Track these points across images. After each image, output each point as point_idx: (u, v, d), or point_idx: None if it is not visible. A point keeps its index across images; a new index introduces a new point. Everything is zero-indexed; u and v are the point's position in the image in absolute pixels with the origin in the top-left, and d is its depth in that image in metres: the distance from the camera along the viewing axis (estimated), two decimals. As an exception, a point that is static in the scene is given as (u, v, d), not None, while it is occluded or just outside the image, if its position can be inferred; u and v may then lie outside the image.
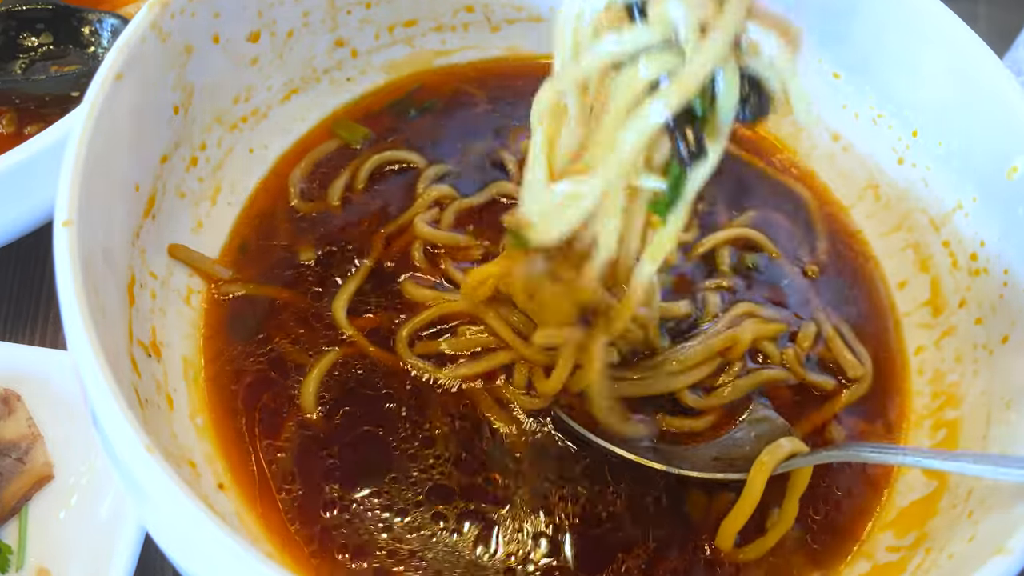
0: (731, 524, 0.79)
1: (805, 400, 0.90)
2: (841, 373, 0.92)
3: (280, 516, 0.78)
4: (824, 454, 0.82)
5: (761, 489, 0.79)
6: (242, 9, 0.94)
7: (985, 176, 0.92)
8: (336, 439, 0.82)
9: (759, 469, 0.79)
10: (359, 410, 0.84)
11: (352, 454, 0.81)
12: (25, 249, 1.17)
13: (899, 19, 0.97)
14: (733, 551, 0.80)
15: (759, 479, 0.79)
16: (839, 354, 0.92)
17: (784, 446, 0.80)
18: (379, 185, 0.99)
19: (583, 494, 0.81)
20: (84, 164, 0.72)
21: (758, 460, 0.80)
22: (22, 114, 1.17)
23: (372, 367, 0.86)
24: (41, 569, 0.90)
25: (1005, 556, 0.66)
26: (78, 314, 0.66)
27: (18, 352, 0.99)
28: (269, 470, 0.80)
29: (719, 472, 0.82)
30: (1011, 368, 0.86)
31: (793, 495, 0.81)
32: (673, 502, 0.82)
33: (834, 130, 1.07)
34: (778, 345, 0.91)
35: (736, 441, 0.85)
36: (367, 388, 0.85)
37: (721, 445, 0.85)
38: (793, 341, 0.92)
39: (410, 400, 0.84)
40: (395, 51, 1.09)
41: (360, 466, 0.81)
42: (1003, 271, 0.90)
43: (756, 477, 0.79)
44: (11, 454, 0.93)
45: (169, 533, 0.66)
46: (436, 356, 0.87)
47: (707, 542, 0.80)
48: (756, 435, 0.85)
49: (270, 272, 0.92)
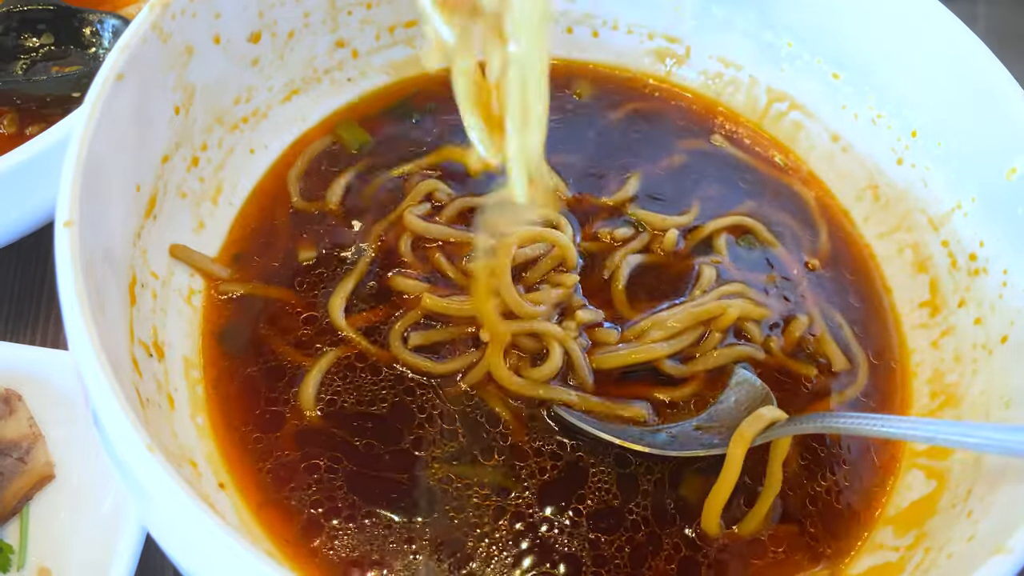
0: (714, 500, 0.79)
1: (796, 395, 0.90)
2: (827, 365, 0.92)
3: (280, 516, 0.78)
4: (802, 425, 0.80)
5: (740, 461, 0.78)
6: (243, 10, 0.94)
7: (984, 176, 0.92)
8: (336, 438, 0.82)
9: (738, 441, 0.79)
10: (358, 409, 0.84)
11: (352, 453, 0.81)
12: (26, 249, 1.17)
13: (899, 20, 0.97)
14: (723, 531, 0.79)
15: (738, 452, 0.79)
16: (827, 347, 0.93)
17: (764, 416, 0.80)
18: (380, 185, 0.99)
19: (588, 486, 0.81)
20: (85, 164, 0.72)
21: (737, 432, 0.80)
22: (23, 115, 1.17)
23: (371, 365, 0.86)
24: (42, 568, 0.90)
25: (1005, 555, 0.66)
26: (79, 314, 0.66)
27: (19, 352, 1.00)
28: (269, 470, 0.80)
29: (701, 446, 0.82)
30: (1010, 368, 0.87)
31: (775, 460, 0.80)
32: (665, 484, 0.82)
33: (833, 130, 1.07)
34: (762, 330, 0.92)
35: (721, 410, 0.86)
36: (366, 386, 0.85)
37: (705, 415, 0.85)
38: (783, 330, 0.93)
39: (410, 397, 0.84)
40: (395, 52, 1.09)
41: (360, 465, 0.81)
42: (1002, 271, 0.90)
43: (735, 450, 0.79)
44: (12, 454, 0.93)
45: (170, 532, 0.66)
46: (431, 348, 0.87)
47: (696, 524, 0.80)
48: (736, 401, 0.86)
49: (271, 272, 0.92)
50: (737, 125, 1.11)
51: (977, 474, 0.80)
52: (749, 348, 0.90)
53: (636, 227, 0.98)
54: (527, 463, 0.82)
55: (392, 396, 0.84)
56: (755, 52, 1.10)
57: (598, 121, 1.08)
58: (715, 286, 0.94)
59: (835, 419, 0.80)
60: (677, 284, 0.94)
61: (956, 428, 0.76)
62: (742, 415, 0.82)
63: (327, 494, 0.79)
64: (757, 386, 0.87)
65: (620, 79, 1.13)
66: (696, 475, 0.82)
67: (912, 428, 0.78)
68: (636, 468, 0.83)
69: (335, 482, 0.80)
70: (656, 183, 1.02)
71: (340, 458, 0.81)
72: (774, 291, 0.96)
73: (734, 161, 1.07)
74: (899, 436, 0.81)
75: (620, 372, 0.88)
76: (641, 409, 0.85)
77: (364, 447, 0.82)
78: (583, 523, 0.80)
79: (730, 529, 0.80)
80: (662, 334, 0.88)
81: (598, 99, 1.10)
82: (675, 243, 0.97)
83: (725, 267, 0.96)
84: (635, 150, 1.05)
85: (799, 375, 0.91)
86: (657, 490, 0.82)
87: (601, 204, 1.00)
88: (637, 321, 0.90)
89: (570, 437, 0.84)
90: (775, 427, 0.80)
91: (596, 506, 0.80)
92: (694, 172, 1.05)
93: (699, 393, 0.88)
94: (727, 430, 0.82)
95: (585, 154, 1.04)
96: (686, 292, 0.93)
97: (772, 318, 0.93)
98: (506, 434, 0.83)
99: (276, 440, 0.82)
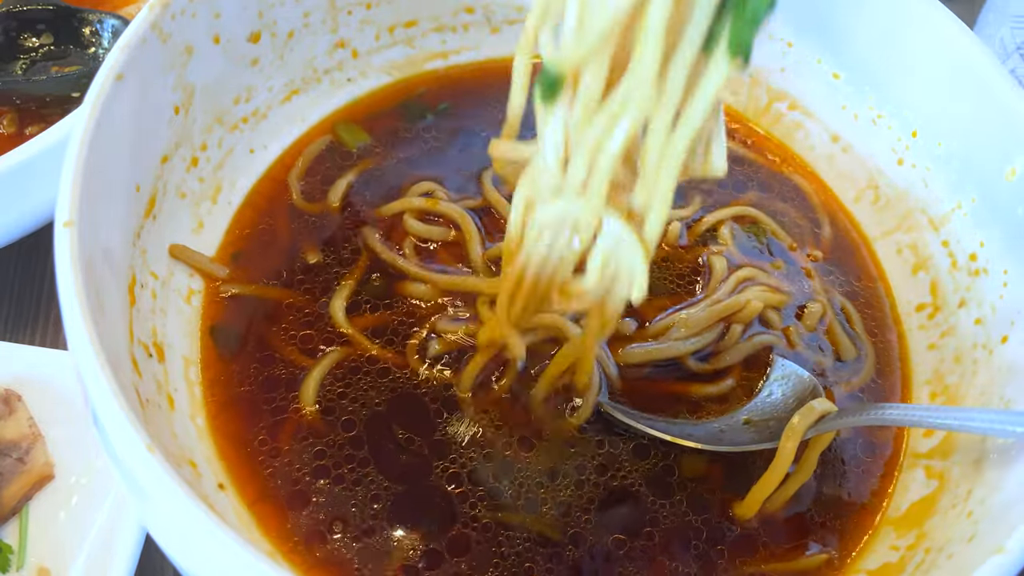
0: (759, 491, 0.80)
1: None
2: (837, 354, 0.93)
3: (280, 516, 0.78)
4: (853, 418, 0.80)
5: (792, 455, 0.79)
6: (243, 10, 0.94)
7: (985, 176, 0.92)
8: (337, 439, 0.82)
9: (789, 435, 0.79)
10: (360, 409, 0.84)
11: (353, 454, 0.81)
12: (26, 249, 1.17)
13: (898, 20, 0.97)
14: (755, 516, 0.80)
15: (790, 445, 0.79)
16: (836, 335, 0.93)
17: (815, 408, 0.80)
18: (378, 185, 0.99)
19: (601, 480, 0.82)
20: (85, 165, 0.72)
21: (789, 425, 0.80)
22: (23, 115, 1.17)
23: (373, 366, 0.86)
24: (41, 569, 0.90)
25: (1004, 556, 0.66)
26: (79, 314, 0.66)
27: (19, 352, 1.00)
28: (269, 470, 0.80)
29: (753, 441, 0.82)
30: (1011, 368, 0.86)
31: (815, 448, 0.81)
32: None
33: (834, 131, 1.07)
34: (782, 317, 0.93)
35: (769, 403, 0.86)
36: (368, 387, 0.85)
37: (753, 408, 0.86)
38: (798, 318, 0.94)
39: (413, 398, 0.84)
40: (395, 52, 1.09)
41: (361, 465, 0.81)
42: (1003, 271, 0.90)
43: (787, 443, 0.79)
44: (12, 454, 0.93)
45: (169, 533, 0.66)
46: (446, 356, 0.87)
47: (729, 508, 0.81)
48: (784, 394, 0.86)
49: (271, 272, 0.92)
50: (737, 124, 1.11)
51: (977, 474, 0.80)
52: (770, 337, 0.91)
53: None
54: (531, 462, 0.82)
55: (394, 397, 0.84)
56: (755, 52, 1.09)
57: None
58: (728, 275, 0.94)
59: (885, 411, 0.80)
60: (687, 277, 0.95)
61: (1014, 417, 0.74)
62: (791, 408, 0.82)
63: (327, 495, 0.79)
64: (804, 378, 0.87)
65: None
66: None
67: (968, 419, 0.76)
68: (656, 451, 0.83)
69: (335, 483, 0.80)
70: None
71: (341, 459, 0.81)
72: (783, 277, 0.97)
73: (734, 155, 1.07)
74: (954, 428, 0.78)
75: (646, 371, 0.88)
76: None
77: (366, 448, 0.82)
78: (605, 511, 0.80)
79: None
80: (685, 332, 0.89)
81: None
82: (678, 236, 0.97)
83: (732, 255, 0.97)
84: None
85: (814, 362, 0.91)
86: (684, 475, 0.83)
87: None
88: (659, 319, 0.90)
89: (616, 433, 0.84)
90: (826, 419, 0.80)
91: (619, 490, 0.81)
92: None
93: (734, 388, 0.88)
94: (777, 423, 0.82)
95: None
96: (701, 286, 0.94)
97: (789, 305, 0.94)
98: (511, 434, 0.83)
99: (276, 441, 0.82)
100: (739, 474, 0.83)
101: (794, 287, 0.96)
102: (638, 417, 0.84)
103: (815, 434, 0.80)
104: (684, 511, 0.81)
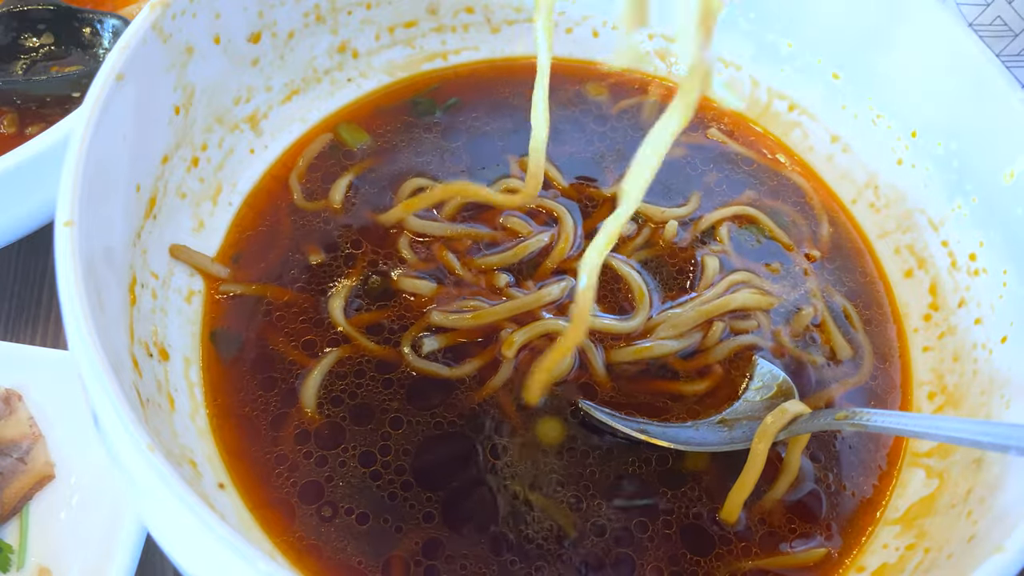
0: (737, 495, 0.80)
1: (802, 384, 0.90)
2: (832, 354, 0.93)
3: (280, 516, 0.78)
4: (825, 421, 0.80)
5: (764, 456, 0.79)
6: (243, 10, 0.94)
7: (984, 177, 0.92)
8: (337, 438, 0.82)
9: (761, 436, 0.79)
10: (360, 409, 0.84)
11: (354, 453, 0.81)
12: (26, 249, 1.17)
13: (898, 20, 0.97)
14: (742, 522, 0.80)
15: (762, 447, 0.79)
16: (832, 336, 0.93)
17: (787, 410, 0.80)
18: (380, 185, 0.99)
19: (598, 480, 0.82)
20: (85, 165, 0.72)
21: (760, 427, 0.80)
22: (23, 114, 1.17)
23: (373, 365, 0.86)
24: (42, 568, 0.90)
25: (1004, 555, 0.66)
26: (79, 314, 0.66)
27: (20, 352, 1.00)
28: (270, 470, 0.80)
29: (724, 442, 0.82)
30: (1011, 368, 0.86)
31: (794, 449, 0.81)
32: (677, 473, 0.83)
33: (833, 131, 1.07)
34: (771, 319, 0.93)
35: (743, 404, 0.86)
36: (368, 387, 0.85)
37: (730, 409, 0.86)
38: (791, 319, 0.94)
39: (414, 398, 0.84)
40: (395, 52, 1.09)
41: (362, 465, 0.81)
42: (1002, 271, 0.90)
43: (759, 445, 0.79)
44: (12, 454, 0.93)
45: (169, 532, 0.66)
46: (443, 353, 0.87)
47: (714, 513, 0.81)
48: (761, 395, 0.86)
49: (271, 272, 0.92)
50: (737, 123, 1.11)
51: (977, 474, 0.80)
52: (753, 337, 0.91)
53: (635, 219, 0.98)
54: (534, 463, 0.82)
55: (395, 396, 0.84)
56: (755, 52, 1.10)
57: (599, 118, 1.08)
58: (720, 277, 0.95)
59: (859, 416, 0.79)
60: (681, 276, 0.95)
61: (986, 427, 0.73)
62: (765, 408, 0.82)
63: (328, 494, 0.79)
64: (779, 378, 0.87)
65: (621, 78, 1.13)
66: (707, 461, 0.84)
67: (942, 428, 0.76)
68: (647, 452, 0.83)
69: (336, 483, 0.80)
70: (655, 175, 1.03)
71: (341, 459, 0.81)
72: (778, 280, 0.97)
73: (733, 154, 1.08)
74: (927, 436, 0.78)
75: (636, 370, 0.88)
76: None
77: (366, 447, 0.82)
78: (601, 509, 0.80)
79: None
80: (672, 332, 0.89)
81: (599, 97, 1.11)
82: (675, 234, 0.98)
83: (728, 257, 0.97)
84: (633, 144, 1.05)
85: (806, 363, 0.91)
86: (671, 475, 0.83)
87: (601, 195, 1.00)
88: (647, 318, 0.91)
89: (595, 433, 0.84)
90: (799, 421, 0.80)
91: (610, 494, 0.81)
92: (693, 164, 1.05)
93: (719, 386, 0.88)
94: (750, 424, 0.82)
95: (585, 148, 1.05)
96: (692, 285, 0.94)
97: (779, 307, 0.94)
98: (513, 433, 0.83)
99: (276, 440, 0.82)
100: (735, 474, 0.82)
101: (790, 288, 0.96)
102: (617, 417, 0.84)
103: (788, 436, 0.80)
104: (679, 508, 0.81)
